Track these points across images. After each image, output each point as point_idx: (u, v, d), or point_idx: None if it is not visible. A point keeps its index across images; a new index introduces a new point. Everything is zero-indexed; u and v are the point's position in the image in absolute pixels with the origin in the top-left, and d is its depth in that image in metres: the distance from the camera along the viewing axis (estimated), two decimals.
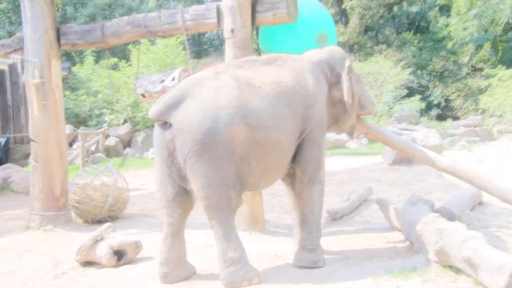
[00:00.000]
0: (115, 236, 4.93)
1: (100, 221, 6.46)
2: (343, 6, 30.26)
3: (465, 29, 27.43)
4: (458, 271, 3.76)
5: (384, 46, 28.62)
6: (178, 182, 3.97)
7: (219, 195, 3.82)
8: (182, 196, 4.01)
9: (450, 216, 5.06)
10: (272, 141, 3.99)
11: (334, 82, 4.67)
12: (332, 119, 4.78)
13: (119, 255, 4.71)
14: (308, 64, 4.52)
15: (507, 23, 25.55)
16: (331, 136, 15.09)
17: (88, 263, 4.80)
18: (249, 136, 3.86)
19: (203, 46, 37.81)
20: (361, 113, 5.04)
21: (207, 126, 3.74)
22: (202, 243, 5.24)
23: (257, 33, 6.18)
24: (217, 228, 3.87)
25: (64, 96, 10.60)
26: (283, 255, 4.73)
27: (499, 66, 20.17)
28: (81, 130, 15.31)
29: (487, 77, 20.51)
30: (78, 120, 17.48)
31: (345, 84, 4.61)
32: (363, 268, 4.13)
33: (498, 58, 27.15)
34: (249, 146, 3.88)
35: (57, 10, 22.81)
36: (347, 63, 4.68)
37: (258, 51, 6.30)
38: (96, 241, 4.79)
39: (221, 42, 34.81)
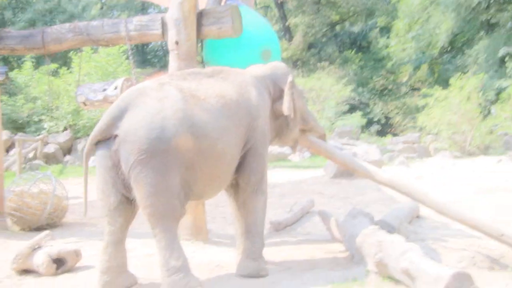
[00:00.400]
0: (54, 244, 4.81)
1: (38, 229, 6.29)
2: (287, 23, 30.76)
3: (404, 50, 28.42)
4: (396, 282, 3.85)
5: (326, 63, 29.19)
6: (122, 191, 3.92)
7: (163, 204, 3.79)
8: (125, 205, 3.96)
9: (389, 229, 5.19)
10: (216, 152, 4.01)
11: (277, 97, 4.76)
12: (275, 133, 4.87)
13: (58, 264, 4.59)
14: (250, 78, 4.60)
15: (443, 47, 26.62)
16: (274, 149, 15.20)
17: (25, 272, 4.65)
18: (195, 146, 3.87)
19: (146, 56, 37.54)
20: (303, 128, 5.12)
21: (154, 136, 3.73)
22: (143, 253, 5.17)
23: (202, 46, 6.18)
24: (160, 237, 3.83)
25: (1, 101, 10.29)
26: (225, 265, 4.72)
27: (436, 86, 20.88)
28: (19, 136, 14.87)
29: (425, 96, 21.19)
30: (15, 126, 16.98)
31: (286, 98, 4.68)
32: (305, 278, 4.17)
33: (434, 79, 28.18)
34: (194, 155, 3.88)
35: None
36: (290, 78, 4.76)
37: (202, 64, 6.30)
38: (34, 249, 4.65)
39: (165, 52, 34.57)
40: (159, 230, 3.83)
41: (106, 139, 3.88)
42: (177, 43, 5.56)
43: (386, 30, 31.52)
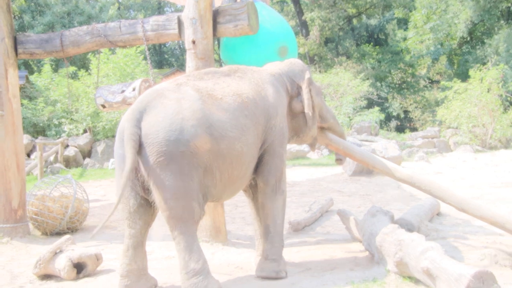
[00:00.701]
0: (75, 248, 4.84)
1: (59, 233, 6.36)
2: (303, 18, 30.59)
3: (421, 42, 28.13)
4: (417, 281, 3.82)
5: (344, 58, 29.06)
6: (141, 194, 3.94)
7: (182, 207, 3.79)
8: (144, 208, 3.99)
9: (409, 227, 5.16)
10: (235, 152, 4.00)
11: (294, 94, 4.75)
12: (293, 131, 4.85)
13: (79, 268, 4.63)
14: (267, 76, 4.58)
15: (462, 37, 26.28)
16: (292, 147, 15.19)
17: (46, 277, 4.69)
18: (213, 147, 3.87)
19: (164, 56, 37.71)
20: (322, 125, 5.10)
21: (173, 139, 3.72)
22: (163, 255, 5.20)
23: (219, 44, 6.18)
24: (179, 240, 3.84)
25: (22, 105, 10.40)
26: (244, 267, 4.73)
27: (455, 79, 20.66)
28: (39, 140, 15.02)
29: (443, 89, 20.99)
30: (36, 130, 17.16)
31: (305, 96, 4.69)
32: (325, 279, 4.16)
33: (453, 71, 27.88)
34: (213, 157, 3.88)
35: (14, 18, 22.45)
36: (307, 75, 4.75)
37: (219, 62, 6.31)
38: (55, 253, 4.69)
39: (182, 52, 34.76)
40: (178, 232, 3.83)
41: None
42: (194, 42, 5.57)
43: (403, 22, 31.31)
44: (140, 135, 3.79)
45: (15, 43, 6.47)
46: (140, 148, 3.79)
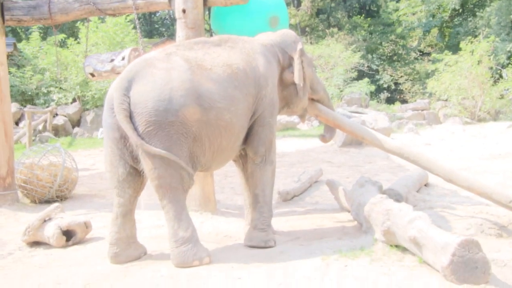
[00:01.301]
0: (64, 216, 4.85)
1: (48, 201, 6.35)
2: None
3: (413, 14, 28.00)
4: (404, 250, 3.86)
5: (335, 29, 28.88)
6: (130, 162, 3.93)
7: (171, 175, 3.80)
8: (133, 177, 3.98)
9: (397, 197, 5.20)
10: (224, 123, 4.00)
11: (286, 65, 4.71)
12: (284, 102, 4.81)
13: (68, 236, 4.64)
14: (259, 46, 4.54)
15: (454, 9, 26.17)
16: (282, 118, 15.19)
17: (35, 244, 4.70)
18: (202, 117, 3.86)
19: (154, 26, 37.31)
20: (312, 97, 5.08)
21: (162, 108, 3.72)
22: (152, 224, 5.22)
23: (209, 14, 6.12)
24: (168, 208, 3.86)
25: (9, 73, 10.28)
26: (233, 235, 4.76)
27: (446, 51, 20.65)
28: (28, 108, 14.92)
29: (434, 61, 20.98)
30: (24, 98, 17.01)
31: (296, 67, 4.65)
32: (313, 248, 4.19)
33: (444, 43, 27.82)
34: (202, 127, 3.88)
35: None
36: (299, 46, 4.71)
37: (209, 32, 6.26)
38: (44, 221, 4.69)
39: (173, 21, 34.37)
40: (167, 201, 3.85)
41: (113, 110, 3.87)
42: (184, 11, 5.52)
43: None
44: (129, 103, 3.77)
45: (2, 9, 6.38)
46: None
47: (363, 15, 31.53)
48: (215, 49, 4.26)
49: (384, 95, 24.33)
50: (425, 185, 6.72)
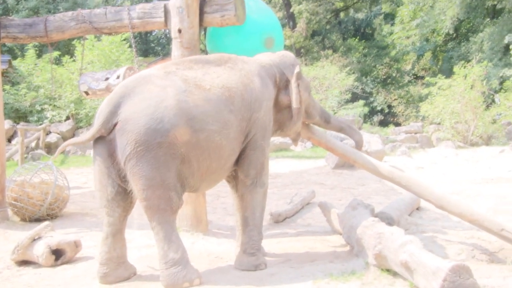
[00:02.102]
0: (54, 235, 4.82)
1: (38, 220, 6.31)
2: (291, 10, 30.56)
3: (408, 37, 28.27)
4: (395, 274, 3.85)
5: (330, 51, 29.06)
6: (118, 182, 3.92)
7: (159, 197, 3.78)
8: (122, 196, 3.96)
9: (389, 221, 5.20)
10: (214, 145, 3.97)
11: (282, 86, 4.68)
12: (278, 124, 4.78)
13: (58, 255, 4.61)
14: (257, 67, 4.52)
15: (447, 33, 26.45)
16: (276, 139, 15.19)
17: (24, 263, 4.66)
18: (192, 139, 3.85)
19: (149, 45, 37.47)
20: (307, 121, 5.07)
21: (153, 128, 3.71)
22: (143, 243, 5.18)
23: (205, 34, 6.15)
24: (158, 230, 3.84)
25: (4, 90, 10.29)
26: (224, 257, 4.74)
27: (439, 75, 20.78)
28: (21, 125, 14.87)
29: (428, 85, 21.09)
30: (18, 115, 16.97)
31: (293, 90, 4.62)
32: (304, 271, 4.18)
33: (438, 67, 28.05)
34: (191, 148, 3.86)
35: None
36: (297, 69, 4.68)
37: (205, 52, 6.29)
38: (34, 240, 4.66)
39: (168, 41, 34.50)
40: (157, 222, 3.83)
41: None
42: (180, 31, 5.55)
43: (390, 17, 31.39)
44: (117, 120, 3.77)
45: None
46: (117, 134, 3.77)
47: (358, 37, 31.77)
48: (215, 69, 4.25)
49: (377, 117, 24.43)
50: (417, 208, 6.72)
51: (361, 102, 22.18)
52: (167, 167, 3.77)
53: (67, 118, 16.92)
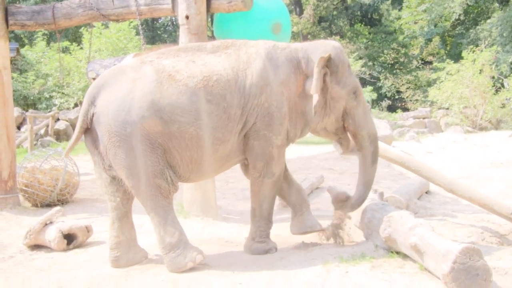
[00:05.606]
0: (65, 220, 4.85)
1: (49, 205, 6.37)
2: None
3: (415, 22, 28.03)
4: (405, 257, 3.86)
5: (337, 37, 28.88)
6: (107, 170, 3.96)
7: (145, 184, 3.80)
8: (118, 181, 3.97)
9: (398, 205, 5.20)
10: (188, 136, 3.85)
11: (310, 73, 4.18)
12: (302, 115, 4.31)
13: (69, 239, 4.65)
14: (267, 49, 4.16)
15: (456, 18, 26.20)
16: None
17: (36, 247, 4.71)
18: (164, 130, 3.79)
19: (156, 32, 37.35)
20: (349, 130, 4.67)
21: (121, 119, 3.73)
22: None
23: (212, 20, 6.13)
24: (152, 216, 3.86)
25: (12, 78, 10.33)
26: (234, 241, 4.76)
27: (447, 60, 20.66)
28: (30, 113, 14.93)
29: (436, 70, 20.98)
30: (26, 103, 17.05)
31: (314, 76, 4.08)
32: (314, 254, 4.18)
33: (446, 52, 27.85)
34: (167, 139, 3.82)
35: None
36: (322, 54, 4.12)
37: (212, 38, 6.27)
38: (45, 225, 4.70)
39: (175, 28, 34.45)
40: (150, 209, 3.86)
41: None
42: (187, 17, 5.54)
43: (398, 1, 31.12)
44: (93, 112, 3.83)
45: (6, 14, 6.41)
46: (95, 125, 3.84)
47: (365, 23, 31.55)
48: (204, 57, 4.06)
49: (385, 103, 24.34)
50: (426, 192, 6.72)
51: (369, 87, 22.13)
52: (146, 156, 3.76)
53: (75, 105, 16.98)
